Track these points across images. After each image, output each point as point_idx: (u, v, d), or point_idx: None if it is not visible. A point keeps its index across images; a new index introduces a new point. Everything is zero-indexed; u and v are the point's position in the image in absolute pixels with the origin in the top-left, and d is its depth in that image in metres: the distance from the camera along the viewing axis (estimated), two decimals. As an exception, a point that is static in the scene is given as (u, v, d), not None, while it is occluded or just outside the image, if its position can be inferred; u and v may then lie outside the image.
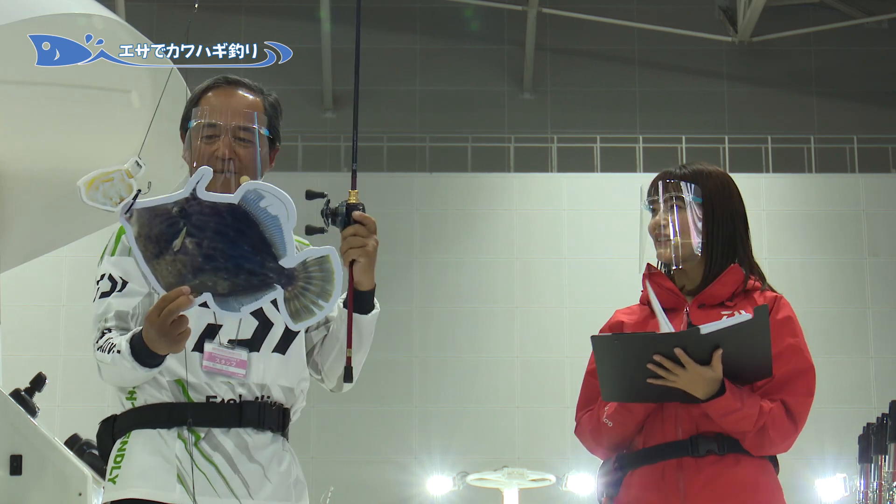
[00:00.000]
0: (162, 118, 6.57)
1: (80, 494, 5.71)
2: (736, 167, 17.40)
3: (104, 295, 3.22)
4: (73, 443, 6.07)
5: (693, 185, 3.49)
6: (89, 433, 3.37)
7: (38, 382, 6.49)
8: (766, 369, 3.36)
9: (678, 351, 3.24)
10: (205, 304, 2.96)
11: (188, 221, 2.91)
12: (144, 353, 3.05)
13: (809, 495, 14.37)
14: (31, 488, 5.66)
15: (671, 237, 3.47)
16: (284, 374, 3.30)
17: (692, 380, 3.28)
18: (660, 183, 3.52)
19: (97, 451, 3.38)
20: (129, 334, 3.10)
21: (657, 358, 3.26)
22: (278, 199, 2.92)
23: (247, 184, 2.93)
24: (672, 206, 3.49)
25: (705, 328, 3.26)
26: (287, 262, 2.95)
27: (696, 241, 3.47)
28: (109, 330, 3.17)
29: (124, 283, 3.21)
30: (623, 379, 3.32)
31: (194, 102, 3.36)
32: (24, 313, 14.83)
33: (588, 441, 3.54)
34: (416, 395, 16.68)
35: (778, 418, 3.38)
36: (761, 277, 3.58)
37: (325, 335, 3.40)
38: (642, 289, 3.58)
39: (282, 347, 3.29)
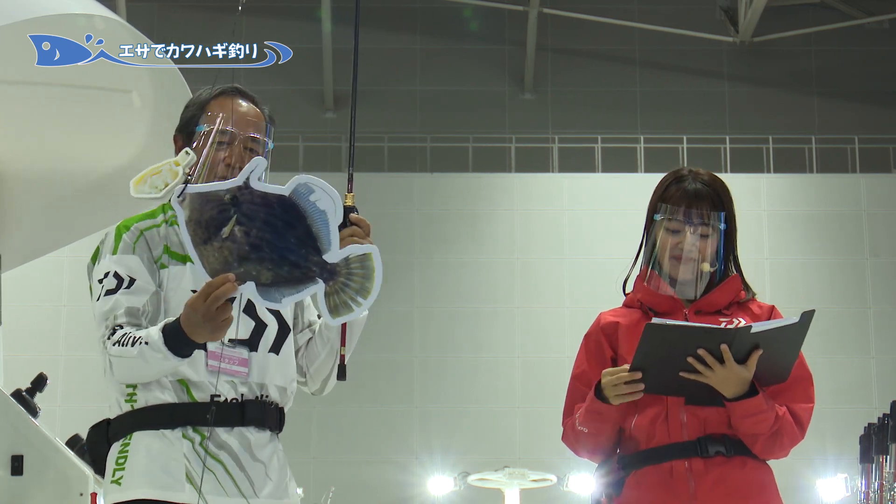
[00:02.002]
0: (161, 118, 6.57)
1: (81, 495, 5.71)
2: (737, 167, 17.41)
3: (110, 292, 3.21)
4: (75, 443, 6.07)
5: (719, 210, 3.50)
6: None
7: (40, 383, 6.49)
8: (785, 374, 3.37)
9: (724, 347, 3.25)
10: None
11: (239, 209, 2.95)
12: (180, 342, 3.06)
13: (811, 495, 14.36)
14: (33, 489, 5.66)
15: (696, 261, 3.46)
16: (279, 373, 3.32)
17: (726, 377, 3.29)
18: (689, 209, 3.48)
19: (91, 454, 3.36)
20: (161, 324, 3.10)
21: (701, 352, 3.26)
22: (327, 194, 2.95)
23: (298, 177, 2.97)
24: (701, 234, 3.48)
25: (756, 327, 3.27)
26: (330, 256, 2.97)
27: (718, 263, 3.49)
28: (121, 326, 3.16)
29: (132, 281, 3.21)
30: (656, 369, 3.31)
31: (202, 107, 3.37)
32: (25, 313, 14.82)
33: (575, 448, 3.55)
34: (416, 395, 16.68)
35: (789, 424, 3.40)
36: (750, 289, 3.59)
37: (310, 338, 3.43)
38: (630, 291, 3.59)
39: (276, 348, 3.32)
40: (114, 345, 3.13)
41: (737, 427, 3.37)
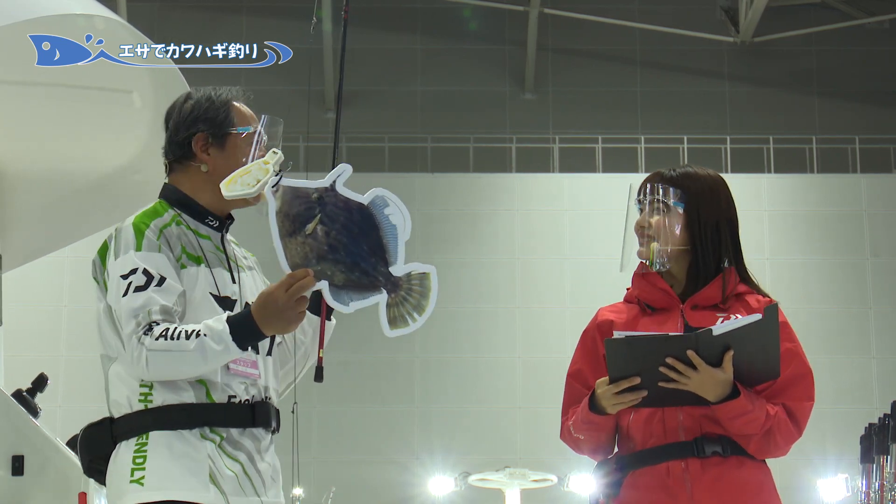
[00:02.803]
0: (162, 118, 6.57)
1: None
2: (737, 167, 17.41)
3: (139, 289, 3.16)
4: (75, 443, 6.06)
5: (677, 190, 3.50)
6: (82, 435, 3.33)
7: (40, 383, 6.49)
8: (775, 371, 3.36)
9: (690, 353, 3.25)
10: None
11: (323, 210, 3.09)
12: (248, 334, 3.10)
13: (811, 495, 14.37)
14: (33, 489, 5.66)
15: (650, 239, 3.48)
16: (274, 376, 3.35)
17: (703, 382, 3.29)
18: (646, 184, 3.54)
19: (88, 453, 3.32)
20: (223, 316, 3.12)
21: (670, 361, 3.26)
22: (399, 210, 3.13)
23: (376, 189, 3.14)
24: (656, 209, 3.50)
25: (717, 329, 3.26)
26: (396, 269, 3.13)
27: (673, 245, 3.48)
28: (157, 323, 3.12)
29: (162, 279, 3.17)
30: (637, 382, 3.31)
31: (228, 109, 3.38)
32: (25, 314, 14.82)
33: (573, 448, 3.56)
34: (417, 396, 16.68)
35: (782, 422, 3.39)
36: (752, 283, 3.57)
37: (280, 342, 3.43)
38: (629, 287, 3.59)
39: (270, 351, 3.33)
40: (157, 339, 3.10)
41: (727, 429, 3.37)
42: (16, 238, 7.27)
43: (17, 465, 5.65)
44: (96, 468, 3.30)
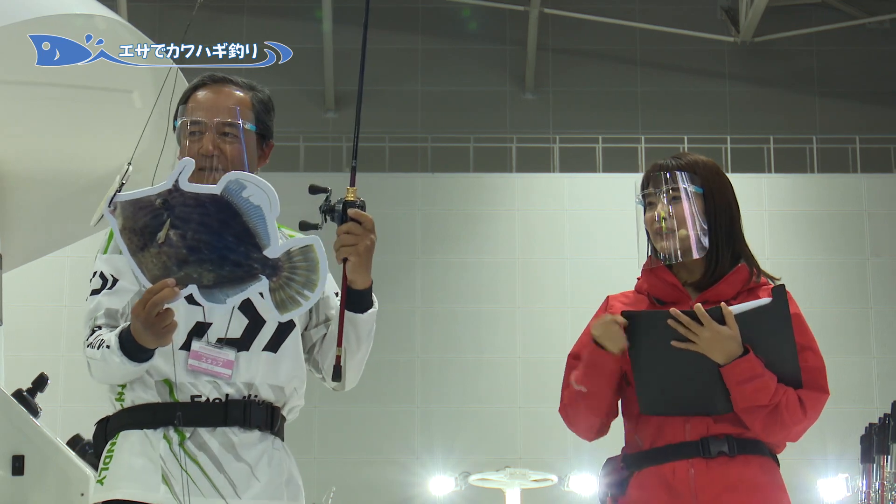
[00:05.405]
0: (163, 118, 6.57)
1: (82, 495, 5.71)
2: (738, 167, 17.40)
3: (94, 292, 3.21)
4: (75, 443, 6.07)
5: (691, 175, 3.46)
6: (91, 434, 3.37)
7: (41, 383, 6.49)
8: (793, 365, 3.35)
9: (696, 306, 3.24)
10: (190, 297, 2.96)
11: (172, 213, 2.92)
12: (133, 348, 3.04)
13: (811, 495, 14.36)
14: (34, 489, 5.66)
15: (674, 229, 3.43)
16: (275, 372, 3.28)
17: (713, 339, 3.25)
18: (655, 174, 3.48)
19: (94, 451, 3.38)
20: (118, 329, 3.09)
21: (673, 311, 3.25)
22: (260, 188, 2.91)
23: (229, 174, 2.94)
24: (672, 198, 3.45)
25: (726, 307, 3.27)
26: (271, 252, 2.94)
27: (700, 231, 3.43)
28: (100, 328, 3.16)
29: (115, 281, 3.19)
30: (651, 361, 3.32)
31: (184, 101, 3.36)
32: (26, 313, 14.82)
33: (571, 417, 3.48)
34: (418, 396, 16.67)
35: (792, 402, 3.36)
36: (758, 268, 3.55)
37: (325, 334, 3.38)
38: (639, 277, 3.56)
39: (273, 346, 3.27)
40: (87, 347, 3.14)
41: (737, 401, 3.32)
42: (16, 238, 7.28)
43: (18, 465, 5.65)
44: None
